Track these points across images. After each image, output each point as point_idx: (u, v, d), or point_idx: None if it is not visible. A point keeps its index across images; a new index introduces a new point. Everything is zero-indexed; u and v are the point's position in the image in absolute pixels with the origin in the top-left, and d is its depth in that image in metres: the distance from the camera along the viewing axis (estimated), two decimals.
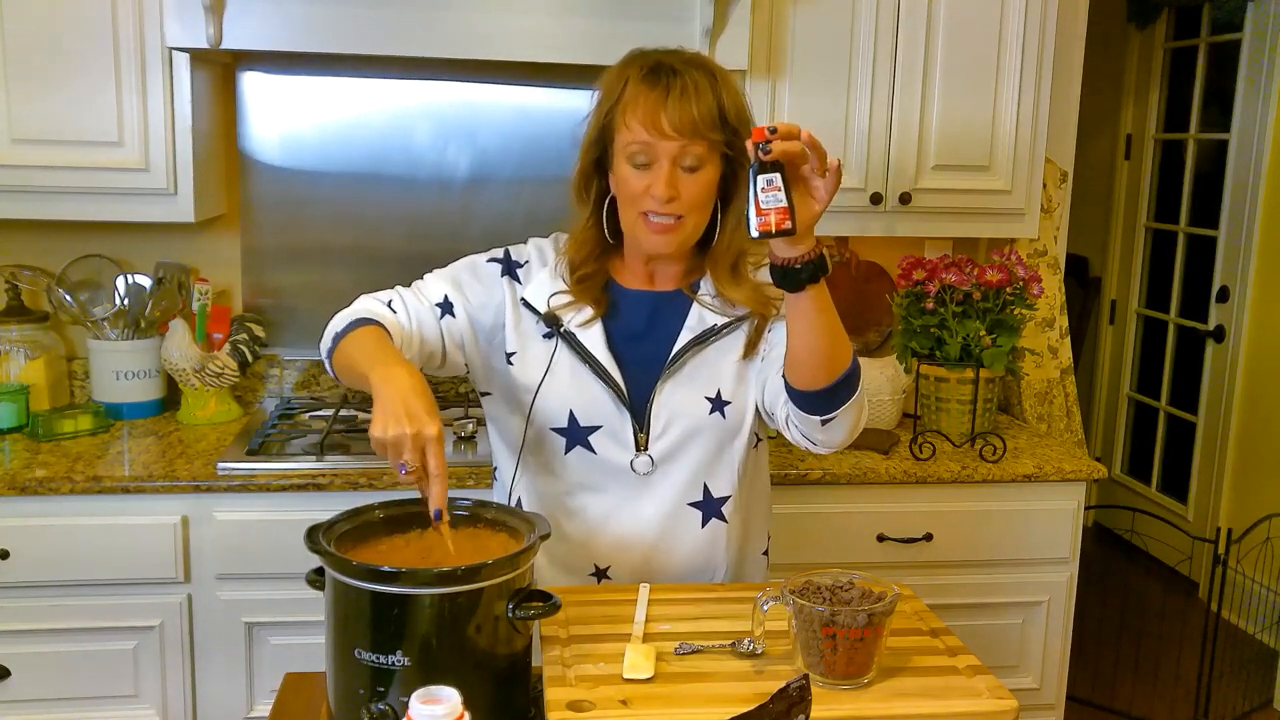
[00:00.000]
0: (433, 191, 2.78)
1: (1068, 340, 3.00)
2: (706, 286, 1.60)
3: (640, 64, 1.50)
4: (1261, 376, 3.85)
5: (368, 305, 1.57)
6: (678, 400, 1.57)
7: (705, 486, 1.60)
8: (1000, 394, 2.78)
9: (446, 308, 1.59)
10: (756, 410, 1.61)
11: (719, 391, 1.57)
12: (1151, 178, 4.61)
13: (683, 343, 1.57)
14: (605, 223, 1.58)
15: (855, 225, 2.67)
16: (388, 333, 1.50)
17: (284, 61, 2.66)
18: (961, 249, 2.99)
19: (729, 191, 1.55)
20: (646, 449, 1.57)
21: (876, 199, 2.62)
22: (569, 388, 1.57)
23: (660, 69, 1.48)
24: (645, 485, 1.59)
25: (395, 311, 1.57)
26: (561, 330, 1.57)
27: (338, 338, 1.52)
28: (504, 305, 1.61)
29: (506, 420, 1.64)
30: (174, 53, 2.33)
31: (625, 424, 1.57)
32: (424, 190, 2.78)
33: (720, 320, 1.58)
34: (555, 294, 1.58)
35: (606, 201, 1.57)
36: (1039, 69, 2.64)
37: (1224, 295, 4.03)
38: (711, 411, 1.57)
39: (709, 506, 1.60)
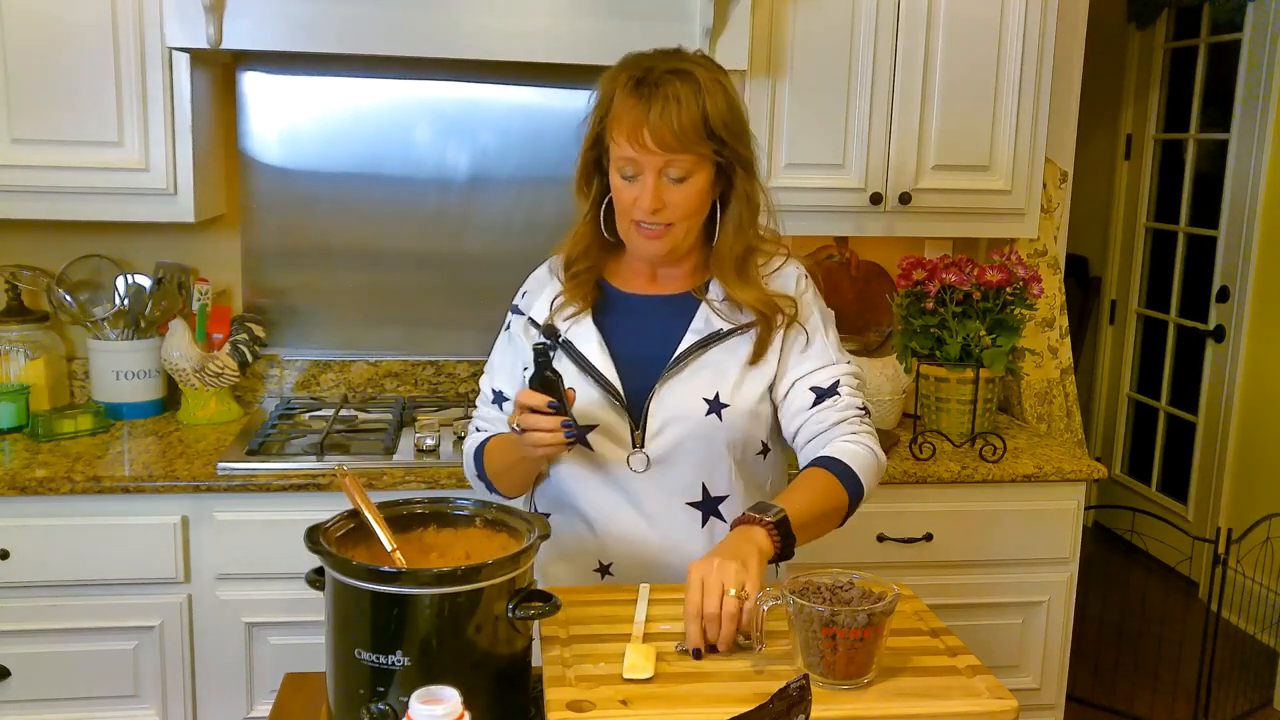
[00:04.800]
0: (433, 191, 2.78)
1: (1068, 340, 3.00)
2: (715, 289, 1.61)
3: (628, 74, 1.51)
4: (1261, 376, 3.85)
5: (474, 439, 1.71)
6: (674, 400, 1.58)
7: (704, 486, 1.60)
8: (1000, 394, 2.78)
9: (499, 398, 1.70)
10: (771, 420, 1.63)
11: (717, 394, 1.58)
12: (1151, 178, 4.61)
13: (686, 344, 1.59)
14: (604, 220, 1.60)
15: (855, 225, 2.67)
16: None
17: (284, 61, 2.66)
18: (961, 249, 2.99)
19: (728, 194, 1.57)
20: (642, 447, 1.58)
21: (876, 199, 2.62)
22: None
23: (644, 81, 1.48)
24: (644, 484, 1.59)
25: (488, 430, 1.70)
26: (560, 340, 1.60)
27: (478, 456, 1.67)
28: (520, 339, 1.67)
29: None
30: (174, 53, 2.33)
31: (623, 423, 1.58)
32: (424, 190, 2.78)
33: (726, 326, 1.59)
34: (554, 298, 1.64)
35: (605, 200, 1.59)
36: (1039, 68, 2.64)
37: (1224, 295, 4.03)
38: (708, 413, 1.57)
39: (708, 506, 1.61)
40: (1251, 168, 3.87)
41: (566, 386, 1.48)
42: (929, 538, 2.46)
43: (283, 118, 2.71)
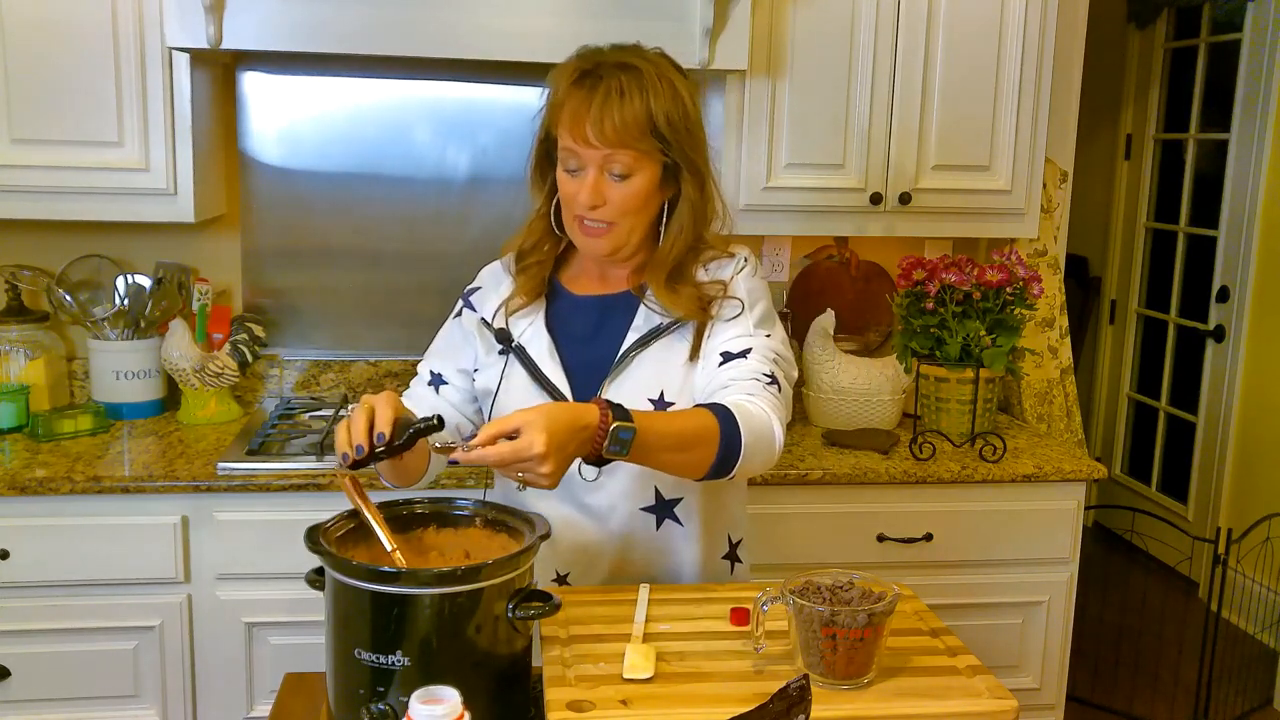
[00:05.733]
0: (432, 191, 2.78)
1: (1068, 340, 3.00)
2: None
3: (576, 65, 1.49)
4: (1261, 376, 3.85)
5: None
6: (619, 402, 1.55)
7: (656, 490, 1.57)
8: (1000, 394, 2.78)
9: (437, 380, 1.66)
10: None
11: (662, 393, 1.54)
12: (1151, 178, 4.61)
13: (628, 344, 1.56)
14: (555, 216, 1.58)
15: (855, 225, 2.67)
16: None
17: (284, 61, 2.66)
18: (961, 249, 2.99)
19: (676, 198, 1.53)
20: None
21: (876, 199, 2.62)
22: (520, 400, 1.55)
23: (590, 73, 1.46)
24: (596, 490, 1.56)
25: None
26: (513, 345, 1.59)
27: None
28: (472, 334, 1.65)
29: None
30: (174, 53, 2.33)
31: None
32: (424, 190, 2.78)
33: (665, 320, 1.56)
34: (508, 298, 1.61)
35: (557, 194, 1.56)
36: (1039, 68, 2.64)
37: (1224, 295, 4.03)
38: None
39: (662, 509, 1.58)
40: (1251, 168, 3.87)
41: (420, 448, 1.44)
42: (929, 538, 2.46)
43: (283, 118, 2.71)
